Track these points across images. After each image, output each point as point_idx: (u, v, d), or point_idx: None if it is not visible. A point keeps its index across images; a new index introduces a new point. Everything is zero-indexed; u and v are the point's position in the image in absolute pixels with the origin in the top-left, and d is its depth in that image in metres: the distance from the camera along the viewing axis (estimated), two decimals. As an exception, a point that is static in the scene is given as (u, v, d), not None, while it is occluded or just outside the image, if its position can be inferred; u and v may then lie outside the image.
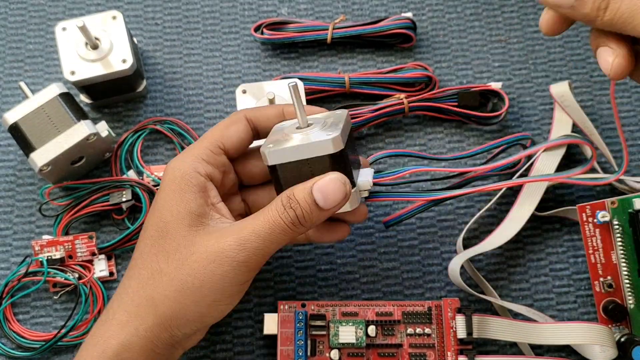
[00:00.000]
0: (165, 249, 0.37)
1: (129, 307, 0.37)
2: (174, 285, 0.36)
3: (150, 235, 0.38)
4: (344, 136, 0.37)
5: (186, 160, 0.38)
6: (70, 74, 0.45)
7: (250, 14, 0.53)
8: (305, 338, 0.43)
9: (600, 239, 0.45)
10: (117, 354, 0.36)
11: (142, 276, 0.37)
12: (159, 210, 0.38)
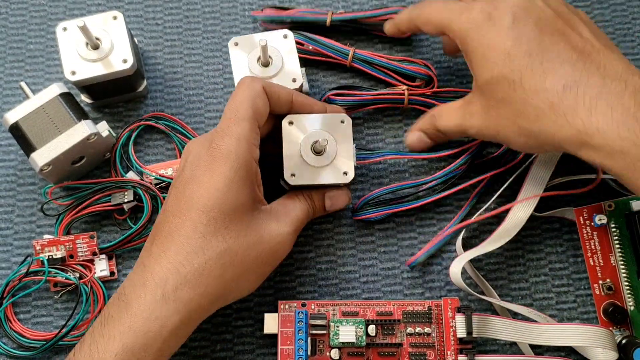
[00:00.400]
0: (232, 231, 0.39)
1: (196, 288, 0.37)
2: (245, 264, 0.39)
3: (213, 217, 0.38)
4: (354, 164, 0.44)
5: (243, 147, 0.39)
6: (71, 73, 0.45)
7: (250, 14, 0.53)
8: (305, 337, 0.43)
9: (598, 241, 0.46)
10: (176, 329, 0.37)
11: (208, 255, 0.38)
12: (223, 194, 0.38)
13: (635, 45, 0.53)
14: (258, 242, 0.40)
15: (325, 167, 0.43)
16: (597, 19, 0.54)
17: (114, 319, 0.37)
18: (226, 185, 0.39)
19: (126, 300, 0.37)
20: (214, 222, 0.38)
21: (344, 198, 0.45)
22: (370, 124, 0.51)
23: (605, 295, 0.45)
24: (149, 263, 0.38)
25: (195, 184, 0.39)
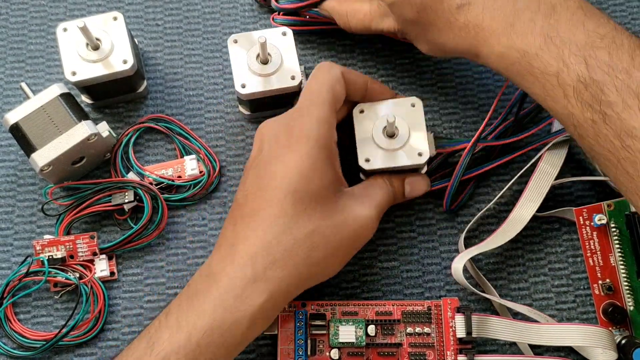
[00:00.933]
0: (318, 212, 0.39)
1: (285, 268, 0.38)
2: (331, 246, 0.39)
3: (299, 197, 0.38)
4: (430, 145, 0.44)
5: (323, 128, 0.40)
6: (71, 74, 0.46)
7: (250, 15, 0.54)
8: (305, 337, 0.43)
9: (598, 241, 0.46)
10: (265, 309, 0.38)
11: (296, 236, 0.38)
12: (308, 174, 0.39)
13: (635, 46, 0.53)
14: (343, 224, 0.40)
15: (399, 149, 0.44)
16: (596, 20, 0.54)
17: (202, 295, 0.37)
18: (311, 165, 0.39)
19: (215, 278, 0.38)
20: (301, 203, 0.38)
21: (422, 184, 0.46)
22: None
23: (605, 296, 0.45)
24: (236, 242, 0.38)
25: (278, 163, 0.39)
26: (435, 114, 0.51)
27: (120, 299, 0.47)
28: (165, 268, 0.47)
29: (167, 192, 0.48)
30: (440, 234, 0.48)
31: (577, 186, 0.49)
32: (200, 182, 0.49)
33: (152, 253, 0.48)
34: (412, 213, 0.49)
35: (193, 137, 0.50)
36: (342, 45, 0.53)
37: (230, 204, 0.49)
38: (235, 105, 0.51)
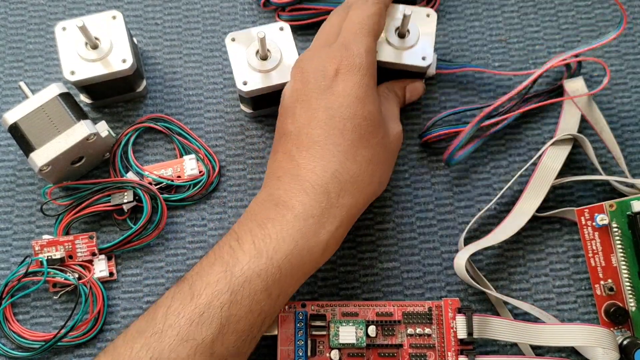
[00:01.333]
0: (374, 136, 0.41)
1: (355, 194, 0.40)
2: (387, 164, 0.43)
3: (358, 124, 0.40)
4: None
5: (370, 58, 0.42)
6: (70, 73, 0.45)
7: (250, 14, 0.53)
8: (305, 338, 0.43)
9: (600, 242, 0.45)
10: (338, 235, 0.40)
11: (360, 162, 0.40)
12: (363, 101, 0.40)
13: (636, 45, 0.53)
14: (390, 142, 0.43)
15: (407, 49, 0.47)
16: (597, 19, 0.54)
17: (278, 222, 0.39)
18: (365, 92, 0.41)
19: (287, 206, 0.39)
20: (359, 129, 0.40)
21: (420, 88, 0.49)
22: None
23: (607, 296, 0.45)
24: (301, 172, 0.40)
25: (331, 94, 0.40)
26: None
27: (120, 300, 0.46)
28: (164, 268, 0.47)
29: (166, 192, 0.48)
30: (440, 234, 0.48)
31: (578, 186, 0.49)
32: (200, 182, 0.48)
33: (152, 253, 0.47)
34: (412, 214, 0.49)
35: (192, 137, 0.50)
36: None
37: (230, 204, 0.49)
38: (235, 105, 0.51)
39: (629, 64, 0.52)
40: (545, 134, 0.51)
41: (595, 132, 0.49)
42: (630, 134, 0.51)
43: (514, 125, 0.51)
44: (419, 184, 0.49)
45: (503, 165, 0.50)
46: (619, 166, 0.49)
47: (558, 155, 0.47)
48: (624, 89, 0.52)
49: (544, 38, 0.53)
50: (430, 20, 0.47)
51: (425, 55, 0.47)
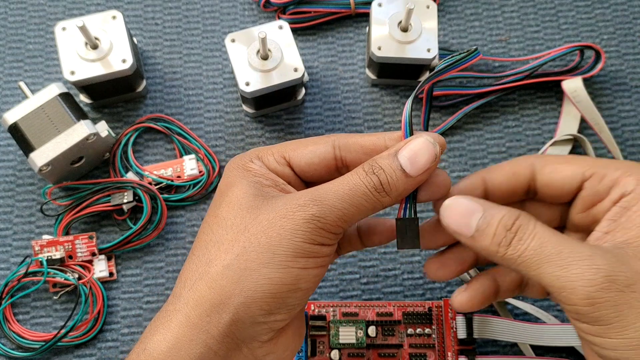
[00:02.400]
0: (237, 223, 0.31)
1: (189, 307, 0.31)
2: (233, 251, 0.31)
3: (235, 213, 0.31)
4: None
5: (247, 156, 0.34)
6: (70, 74, 0.45)
7: (250, 14, 0.53)
8: (305, 338, 0.43)
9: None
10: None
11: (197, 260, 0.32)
12: (225, 202, 0.32)
13: (636, 45, 0.53)
14: (250, 223, 0.32)
15: (411, 43, 0.47)
16: (597, 19, 0.54)
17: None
18: (223, 196, 0.33)
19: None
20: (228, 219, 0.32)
21: (422, 147, 0.31)
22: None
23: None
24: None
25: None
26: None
27: (120, 300, 0.46)
28: (164, 269, 0.47)
29: (166, 192, 0.48)
30: (441, 234, 0.48)
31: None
32: (200, 182, 0.48)
33: (152, 253, 0.47)
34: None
35: (192, 137, 0.50)
36: (341, 46, 0.53)
37: (230, 204, 0.49)
38: (234, 105, 0.51)
39: (629, 64, 0.52)
40: (545, 134, 0.51)
41: (594, 132, 0.49)
42: (630, 133, 0.51)
43: (514, 125, 0.51)
44: (419, 184, 0.49)
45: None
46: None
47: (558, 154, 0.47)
48: (624, 89, 0.52)
49: (544, 38, 0.53)
50: (431, 11, 0.48)
51: (430, 47, 0.47)
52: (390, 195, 0.31)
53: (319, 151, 0.33)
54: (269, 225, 0.30)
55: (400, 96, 0.51)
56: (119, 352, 0.45)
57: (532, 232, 0.30)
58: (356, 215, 0.31)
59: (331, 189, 0.31)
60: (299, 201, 0.31)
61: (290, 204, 0.31)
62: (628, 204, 0.30)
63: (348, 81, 0.52)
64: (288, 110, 0.51)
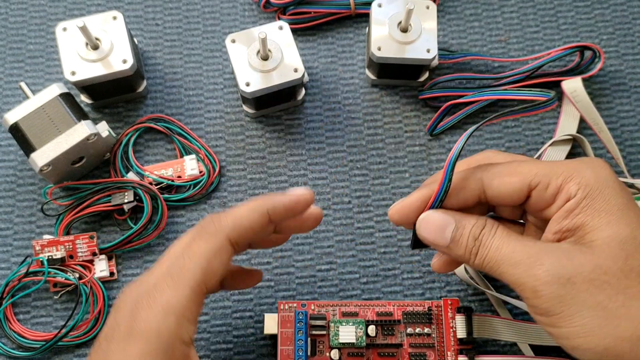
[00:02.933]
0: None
1: None
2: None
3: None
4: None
5: (169, 323, 0.31)
6: (71, 74, 0.45)
7: (250, 15, 0.54)
8: (305, 338, 0.43)
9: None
10: None
11: None
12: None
13: (636, 45, 0.53)
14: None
15: (411, 43, 0.47)
16: (597, 19, 0.54)
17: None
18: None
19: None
20: None
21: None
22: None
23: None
24: None
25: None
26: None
27: (120, 299, 0.47)
28: (165, 268, 0.47)
29: (166, 192, 0.48)
30: (440, 234, 0.48)
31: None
32: (200, 182, 0.48)
33: (152, 253, 0.48)
34: (412, 213, 0.49)
35: (193, 137, 0.50)
36: (341, 46, 0.53)
37: (230, 204, 0.49)
38: (235, 105, 0.51)
39: (629, 64, 0.53)
40: (544, 134, 0.51)
41: (594, 132, 0.49)
42: (629, 134, 0.51)
43: (513, 125, 0.51)
44: (419, 183, 0.49)
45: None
46: (618, 166, 0.49)
47: (557, 154, 0.48)
48: (623, 89, 0.52)
49: (544, 38, 0.53)
50: (431, 12, 0.48)
51: (429, 48, 0.47)
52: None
53: (226, 257, 0.34)
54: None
55: (400, 96, 0.52)
56: (119, 351, 0.45)
57: (492, 238, 0.33)
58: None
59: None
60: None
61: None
62: (571, 207, 0.32)
63: (348, 81, 0.52)
64: (288, 111, 0.51)
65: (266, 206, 0.34)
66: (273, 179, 0.49)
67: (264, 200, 0.35)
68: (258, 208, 0.34)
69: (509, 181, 0.34)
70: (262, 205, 0.34)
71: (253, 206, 0.34)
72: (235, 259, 0.48)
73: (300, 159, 0.50)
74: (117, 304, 0.33)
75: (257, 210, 0.34)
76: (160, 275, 0.32)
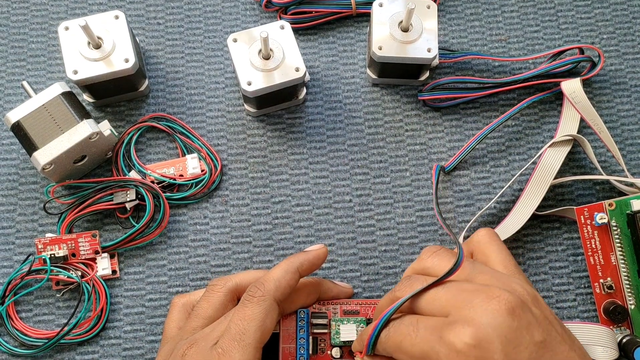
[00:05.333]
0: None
1: None
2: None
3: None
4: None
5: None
6: (73, 73, 0.46)
7: (252, 14, 0.54)
8: (306, 336, 0.43)
9: (599, 240, 0.46)
10: None
11: None
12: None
13: (636, 44, 0.53)
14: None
15: (412, 43, 0.47)
16: (597, 19, 0.54)
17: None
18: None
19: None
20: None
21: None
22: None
23: (606, 294, 0.45)
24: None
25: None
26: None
27: (122, 297, 0.47)
28: (167, 266, 0.48)
29: (168, 190, 0.49)
30: (441, 232, 0.49)
31: (577, 185, 0.49)
32: (202, 180, 0.49)
33: (154, 251, 0.48)
34: (412, 212, 0.49)
35: (194, 136, 0.50)
36: (342, 46, 0.53)
37: (232, 202, 0.49)
38: (236, 104, 0.51)
39: (629, 63, 0.53)
40: (544, 133, 0.51)
41: (594, 132, 0.49)
42: (629, 133, 0.51)
43: (514, 125, 0.51)
44: (419, 182, 0.50)
45: (503, 164, 0.50)
46: (618, 165, 0.49)
47: (558, 154, 0.48)
48: (623, 88, 0.52)
49: (544, 38, 0.53)
50: (431, 11, 0.48)
51: (430, 47, 0.47)
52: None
53: (277, 315, 0.39)
54: None
55: (400, 96, 0.52)
56: (121, 349, 0.46)
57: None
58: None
59: None
60: None
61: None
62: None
63: (349, 81, 0.52)
64: (289, 110, 0.51)
65: (296, 265, 0.40)
66: (274, 178, 0.50)
67: (293, 260, 0.40)
68: (290, 269, 0.39)
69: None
70: (292, 265, 0.40)
71: (286, 267, 0.39)
72: (237, 258, 0.48)
73: (301, 158, 0.50)
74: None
75: (290, 271, 0.39)
76: (225, 341, 0.36)
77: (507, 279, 0.35)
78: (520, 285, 0.34)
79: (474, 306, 0.32)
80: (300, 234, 0.48)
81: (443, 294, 0.34)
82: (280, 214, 0.49)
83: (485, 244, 0.40)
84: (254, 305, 0.37)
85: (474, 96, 0.51)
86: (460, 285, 0.34)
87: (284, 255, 0.48)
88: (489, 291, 0.32)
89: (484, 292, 0.32)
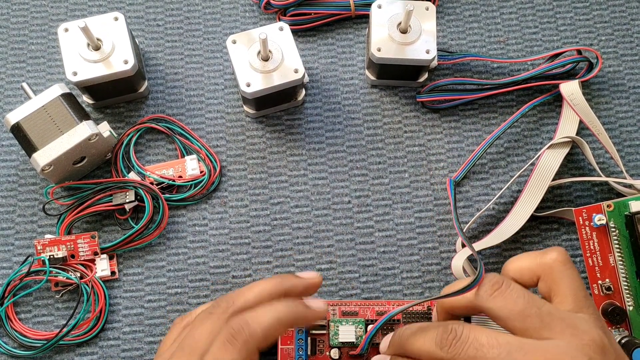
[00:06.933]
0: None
1: None
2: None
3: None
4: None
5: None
6: (73, 74, 0.46)
7: (251, 16, 0.54)
8: (305, 337, 0.43)
9: (597, 242, 0.46)
10: None
11: None
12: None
13: (634, 46, 0.53)
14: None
15: (410, 44, 0.47)
16: (595, 20, 0.54)
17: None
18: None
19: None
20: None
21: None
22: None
23: (604, 296, 0.45)
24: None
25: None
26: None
27: (121, 299, 0.47)
28: (166, 268, 0.48)
29: (167, 192, 0.49)
30: (439, 234, 0.49)
31: (576, 186, 0.50)
32: (201, 182, 0.49)
33: (153, 253, 0.48)
34: (411, 214, 0.49)
35: (194, 137, 0.50)
36: (341, 47, 0.53)
37: (231, 204, 0.49)
38: (235, 106, 0.51)
39: (627, 65, 0.53)
40: (543, 135, 0.51)
41: (592, 134, 0.49)
42: (628, 134, 0.51)
43: (513, 126, 0.51)
44: (417, 184, 0.50)
45: (501, 165, 0.50)
46: (617, 166, 0.49)
47: (556, 156, 0.48)
48: (621, 89, 0.52)
49: (542, 39, 0.53)
50: (430, 13, 0.48)
51: (429, 49, 0.47)
52: None
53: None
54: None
55: (399, 97, 0.52)
56: (120, 350, 0.46)
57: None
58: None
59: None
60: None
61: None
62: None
63: (348, 82, 0.52)
64: (288, 111, 0.51)
65: (292, 318, 0.36)
66: (273, 179, 0.50)
67: (294, 310, 0.36)
68: (286, 321, 0.35)
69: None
70: (289, 316, 0.36)
71: (281, 317, 0.35)
72: (236, 259, 0.48)
73: (300, 159, 0.50)
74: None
75: (284, 324, 0.35)
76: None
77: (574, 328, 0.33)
78: (588, 334, 0.32)
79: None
80: (299, 235, 0.48)
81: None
82: (279, 215, 0.49)
83: (558, 272, 0.36)
84: (234, 351, 0.34)
85: (472, 97, 0.51)
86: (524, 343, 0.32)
87: (282, 257, 0.48)
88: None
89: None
